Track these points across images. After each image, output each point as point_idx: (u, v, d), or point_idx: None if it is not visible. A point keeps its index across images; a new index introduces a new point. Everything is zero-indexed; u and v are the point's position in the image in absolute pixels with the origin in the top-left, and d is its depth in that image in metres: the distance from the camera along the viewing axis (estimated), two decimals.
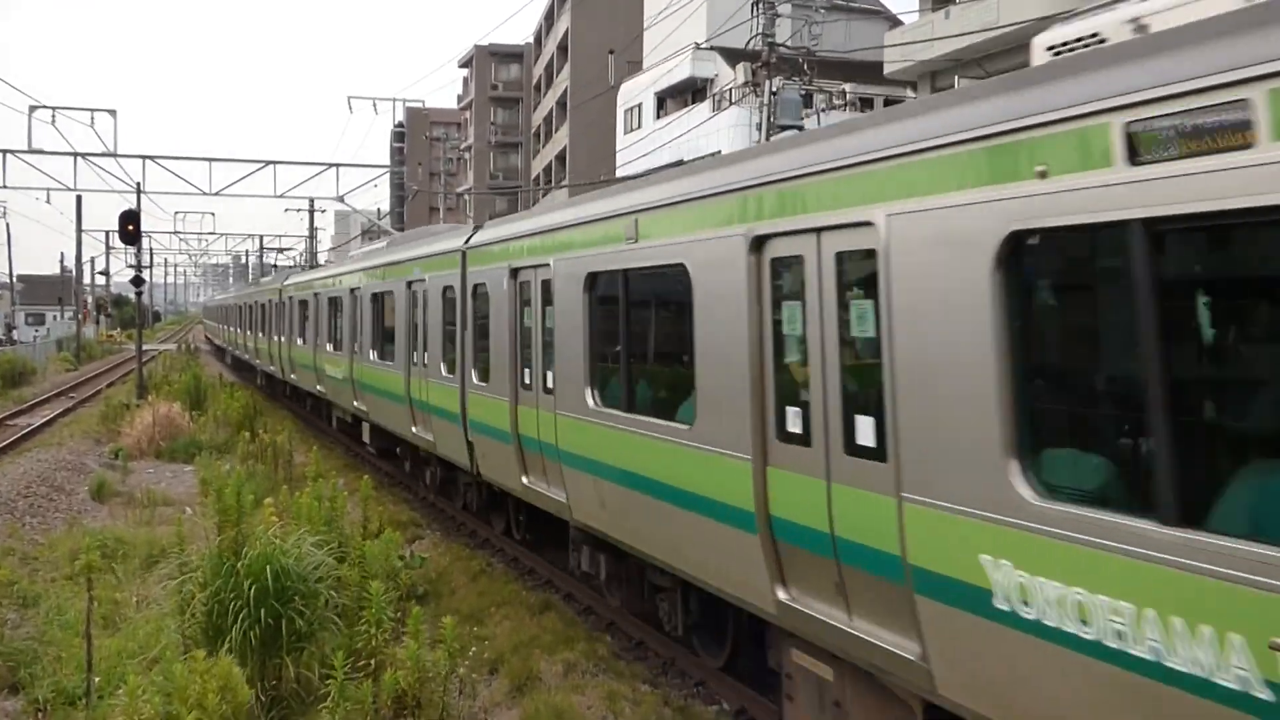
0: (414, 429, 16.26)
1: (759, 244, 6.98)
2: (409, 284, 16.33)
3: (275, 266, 71.21)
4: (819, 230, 6.39)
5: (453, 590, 12.49)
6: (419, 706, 8.00)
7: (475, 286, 13.18)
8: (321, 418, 27.75)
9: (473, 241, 13.49)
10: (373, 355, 18.64)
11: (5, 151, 32.98)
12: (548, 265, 10.62)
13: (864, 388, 6.08)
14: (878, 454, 5.82)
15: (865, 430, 5.99)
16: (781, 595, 6.91)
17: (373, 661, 8.57)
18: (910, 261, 5.52)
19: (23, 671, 9.55)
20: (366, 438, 20.87)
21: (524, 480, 11.45)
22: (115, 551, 13.34)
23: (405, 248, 17.81)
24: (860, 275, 6.12)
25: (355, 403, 20.57)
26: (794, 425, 6.68)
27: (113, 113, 34.02)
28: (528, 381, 11.28)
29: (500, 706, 9.06)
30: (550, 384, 10.57)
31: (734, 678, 9.10)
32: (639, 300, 9.18)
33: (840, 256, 6.25)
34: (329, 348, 22.87)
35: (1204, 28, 4.22)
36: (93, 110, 34.14)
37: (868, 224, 5.87)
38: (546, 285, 10.78)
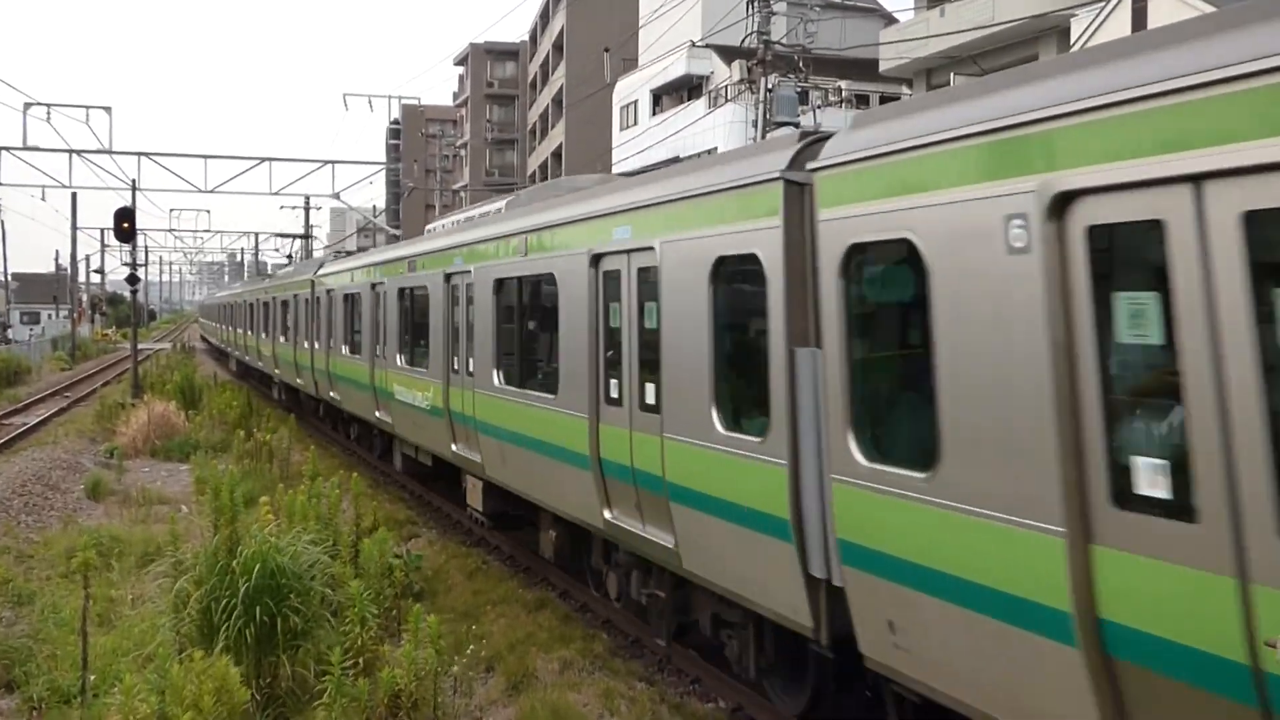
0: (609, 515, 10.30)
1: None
2: (597, 257, 9.66)
3: (265, 267, 71.36)
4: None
5: (449, 588, 12.48)
6: (415, 705, 8.00)
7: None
8: (372, 452, 21.66)
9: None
10: (499, 379, 12.15)
11: (0, 149, 32.91)
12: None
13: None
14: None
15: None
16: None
17: (361, 660, 8.57)
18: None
19: (17, 670, 9.53)
20: (477, 503, 13.95)
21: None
22: (111, 550, 13.33)
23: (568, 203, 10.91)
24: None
25: (458, 448, 13.78)
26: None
27: (108, 109, 33.99)
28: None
29: (496, 704, 9.06)
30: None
31: (730, 678, 9.10)
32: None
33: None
34: (401, 361, 16.52)
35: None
36: (88, 107, 34.11)
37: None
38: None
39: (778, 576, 6.99)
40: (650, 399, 8.52)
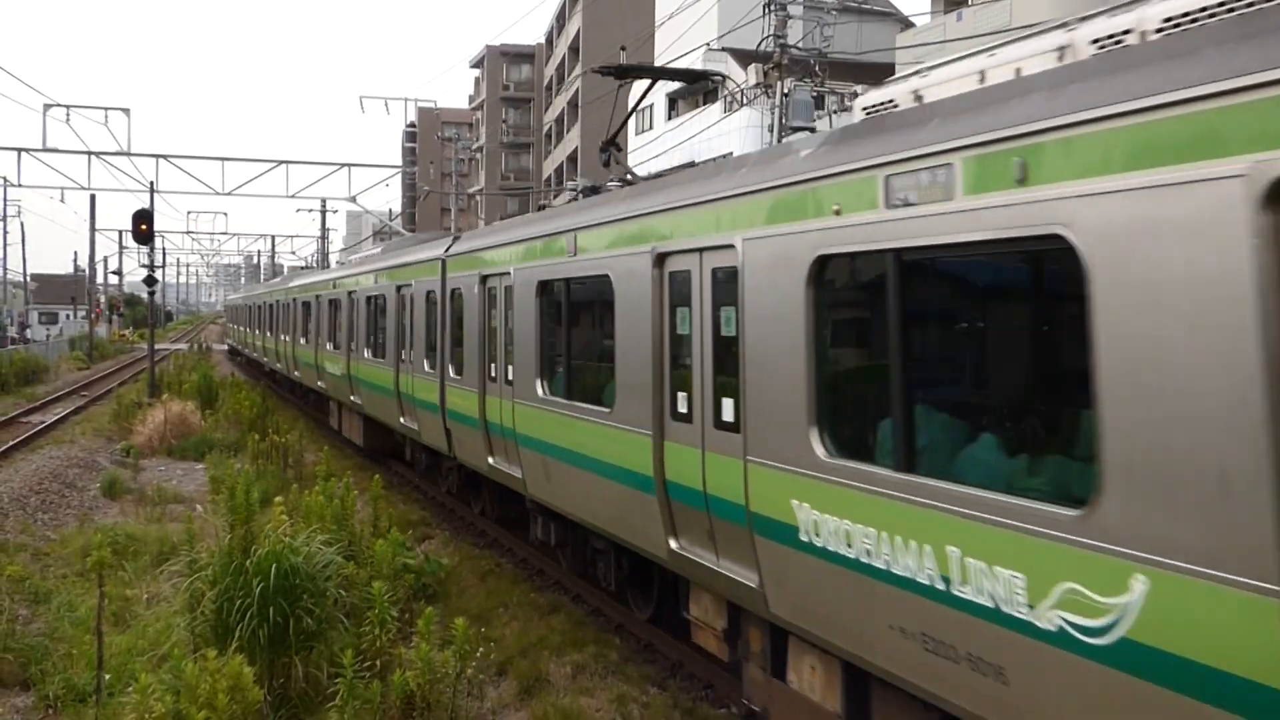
0: None
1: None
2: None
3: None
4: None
5: (461, 590, 12.49)
6: (428, 707, 7.99)
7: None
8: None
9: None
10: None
11: (20, 150, 33.16)
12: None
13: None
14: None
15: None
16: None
17: (378, 662, 8.58)
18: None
19: (33, 668, 9.58)
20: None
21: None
22: (126, 548, 13.38)
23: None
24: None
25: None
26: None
27: (127, 111, 34.24)
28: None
29: (509, 708, 9.05)
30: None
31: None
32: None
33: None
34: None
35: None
36: (107, 109, 34.39)
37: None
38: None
39: None
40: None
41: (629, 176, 11.77)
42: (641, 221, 8.73)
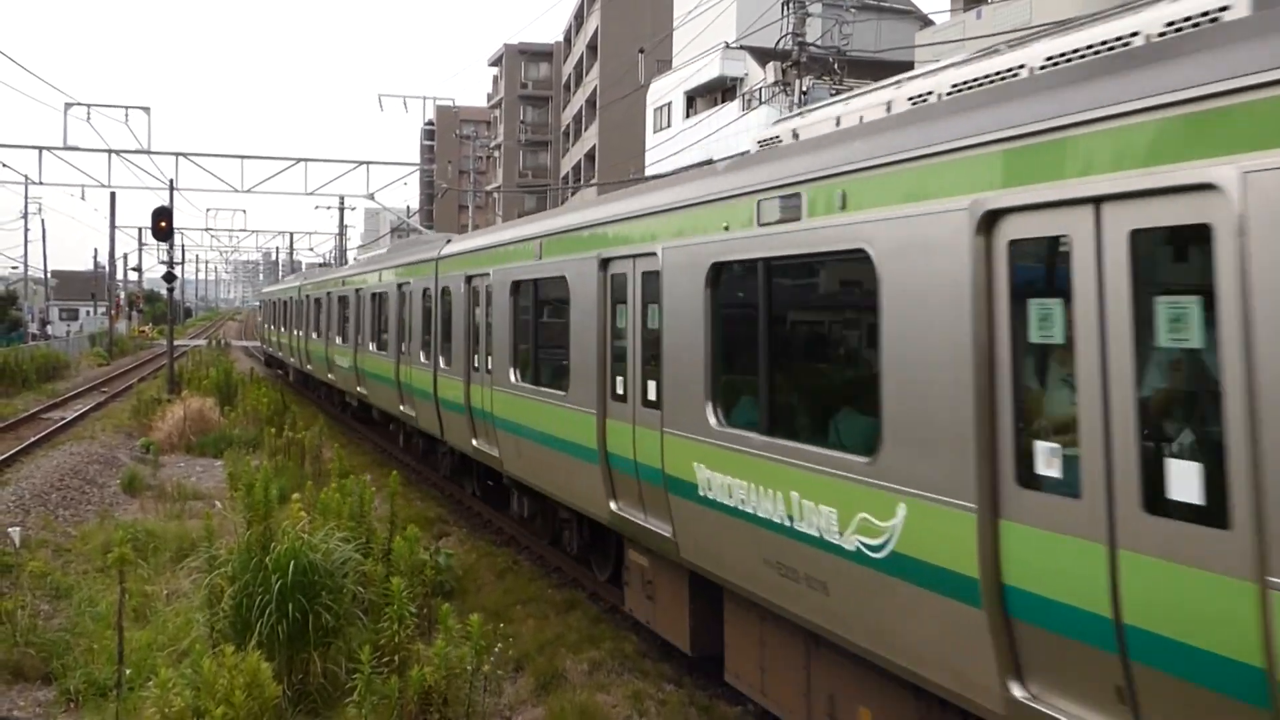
0: None
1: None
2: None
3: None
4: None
5: (479, 587, 12.53)
6: (445, 703, 8.02)
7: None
8: None
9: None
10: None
11: (41, 148, 33.39)
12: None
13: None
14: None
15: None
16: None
17: (396, 658, 8.61)
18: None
19: (55, 662, 9.65)
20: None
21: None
22: (146, 544, 13.47)
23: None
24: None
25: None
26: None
27: (147, 110, 34.44)
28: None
29: (525, 704, 9.08)
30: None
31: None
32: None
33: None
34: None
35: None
36: (127, 107, 34.63)
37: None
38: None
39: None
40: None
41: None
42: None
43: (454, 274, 15.45)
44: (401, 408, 19.12)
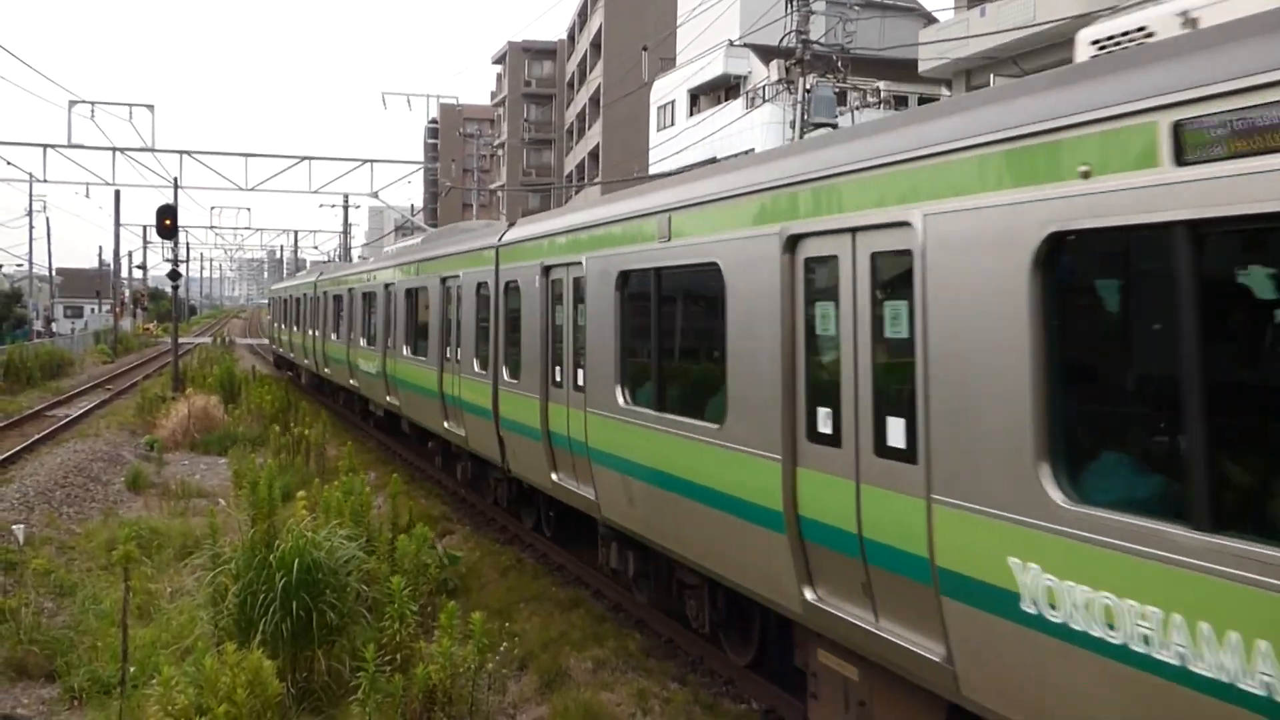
0: None
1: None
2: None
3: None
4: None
5: (483, 585, 12.52)
6: (449, 701, 8.02)
7: None
8: None
9: None
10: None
11: (46, 146, 33.42)
12: None
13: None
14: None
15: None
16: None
17: (400, 656, 8.60)
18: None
19: (59, 660, 9.67)
20: None
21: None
22: (150, 542, 13.48)
23: None
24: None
25: None
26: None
27: (151, 108, 34.47)
28: None
29: (529, 703, 9.07)
30: None
31: (762, 676, 9.06)
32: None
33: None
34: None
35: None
36: (131, 105, 34.62)
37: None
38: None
39: None
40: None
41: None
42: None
43: (522, 265, 12.58)
44: (446, 424, 16.10)
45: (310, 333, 32.15)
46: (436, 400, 16.53)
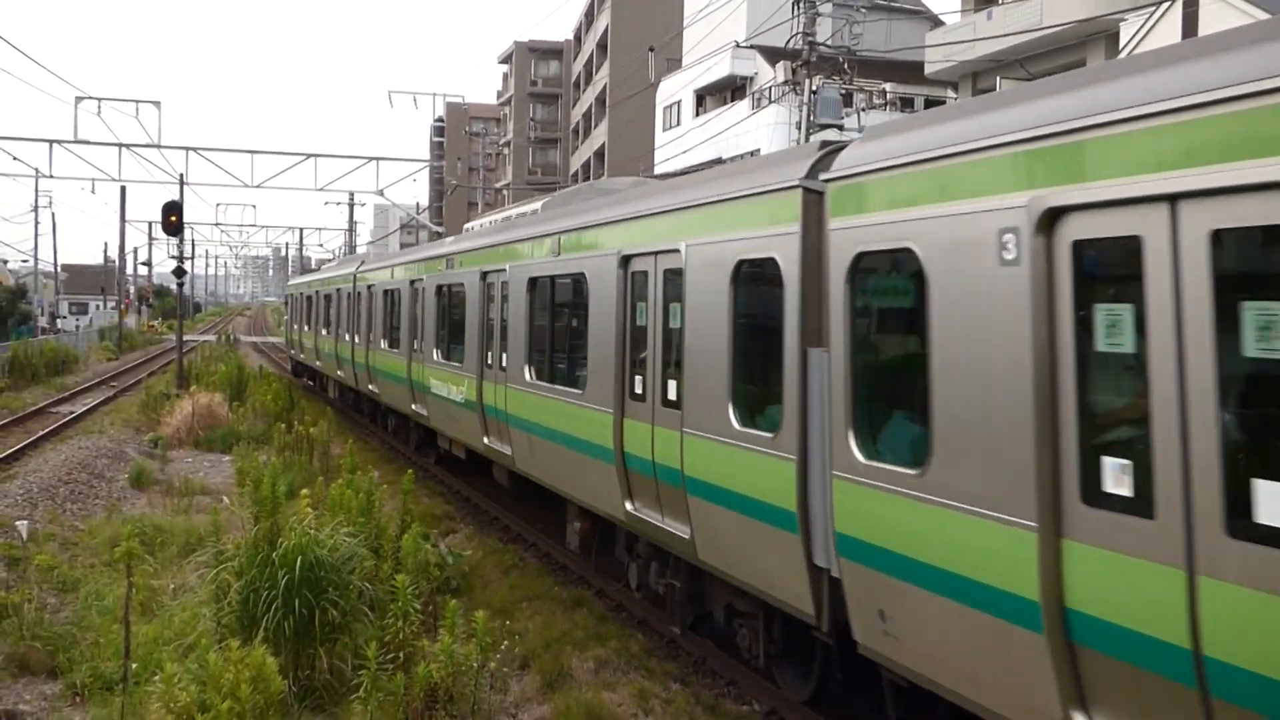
0: None
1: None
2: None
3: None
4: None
5: (485, 584, 12.52)
6: (451, 700, 8.02)
7: None
8: None
9: None
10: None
11: (52, 141, 33.50)
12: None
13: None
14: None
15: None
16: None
17: (402, 654, 8.60)
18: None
19: (61, 656, 9.67)
20: None
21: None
22: (153, 539, 13.48)
23: None
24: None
25: None
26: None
27: (157, 104, 34.59)
28: None
29: (531, 702, 9.07)
30: None
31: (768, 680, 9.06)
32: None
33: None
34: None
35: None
36: (137, 101, 34.72)
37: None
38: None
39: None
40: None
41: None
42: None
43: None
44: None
45: (347, 338, 25.64)
46: (613, 468, 10.30)
